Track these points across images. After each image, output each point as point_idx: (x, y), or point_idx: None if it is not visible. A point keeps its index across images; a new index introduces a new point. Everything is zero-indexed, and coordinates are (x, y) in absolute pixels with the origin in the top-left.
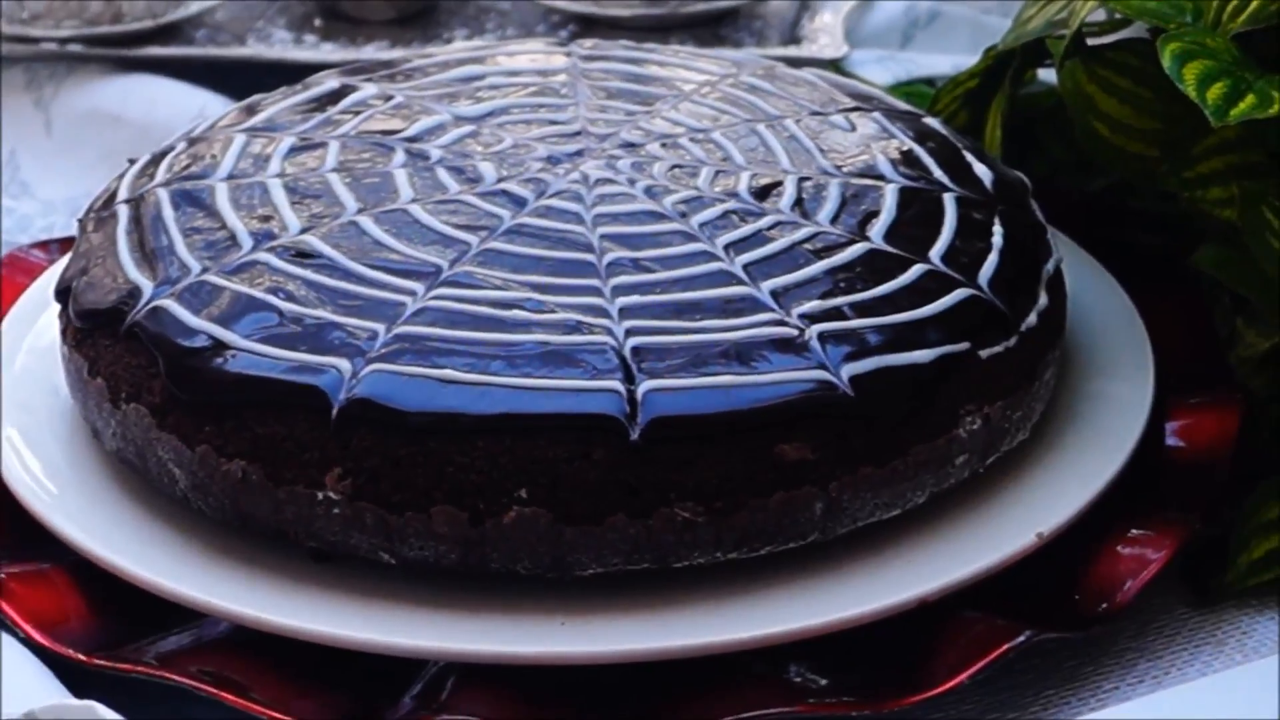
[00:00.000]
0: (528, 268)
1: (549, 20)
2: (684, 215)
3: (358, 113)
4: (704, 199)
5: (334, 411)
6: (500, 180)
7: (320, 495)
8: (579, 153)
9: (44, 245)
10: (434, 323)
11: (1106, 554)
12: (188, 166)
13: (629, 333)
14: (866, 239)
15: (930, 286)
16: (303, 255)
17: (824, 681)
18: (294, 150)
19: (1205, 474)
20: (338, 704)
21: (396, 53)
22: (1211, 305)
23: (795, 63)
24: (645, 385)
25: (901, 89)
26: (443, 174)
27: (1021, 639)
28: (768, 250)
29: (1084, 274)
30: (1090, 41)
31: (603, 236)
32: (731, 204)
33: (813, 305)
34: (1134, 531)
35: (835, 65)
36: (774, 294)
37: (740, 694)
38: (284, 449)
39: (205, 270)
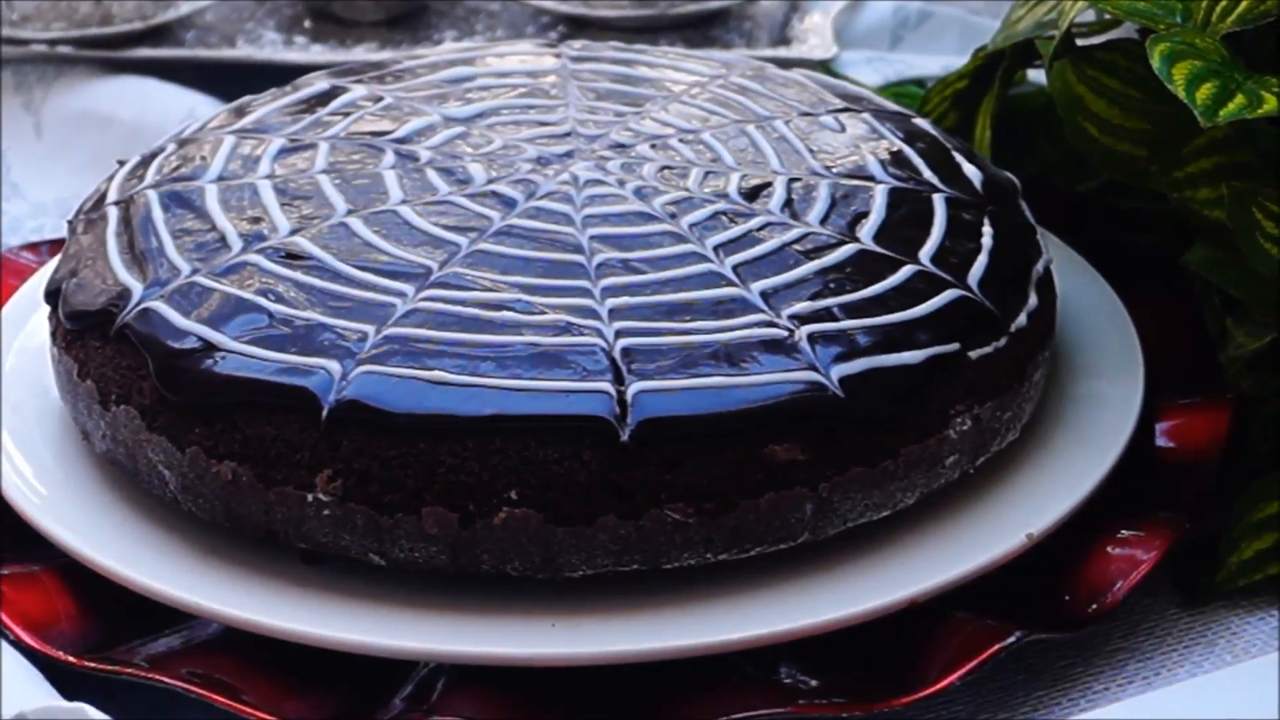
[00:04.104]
0: (517, 269)
1: (538, 21)
2: (674, 216)
3: (347, 114)
4: (694, 200)
5: (324, 413)
6: (490, 181)
7: (310, 497)
8: (569, 154)
9: (34, 247)
10: (424, 324)
11: (1097, 555)
12: (177, 168)
13: (619, 334)
14: (856, 240)
15: (920, 287)
16: (292, 257)
17: (815, 682)
18: (284, 152)
19: (1195, 474)
20: (328, 706)
21: (386, 54)
22: (1201, 305)
23: (785, 64)
24: (635, 386)
25: (891, 90)
26: (432, 175)
27: (1012, 640)
28: (757, 251)
29: (1074, 274)
30: (1079, 42)
31: (592, 238)
32: (721, 205)
33: (803, 306)
34: (1124, 532)
35: (825, 66)
36: (764, 295)
37: (731, 695)
38: (274, 450)
39: (195, 272)
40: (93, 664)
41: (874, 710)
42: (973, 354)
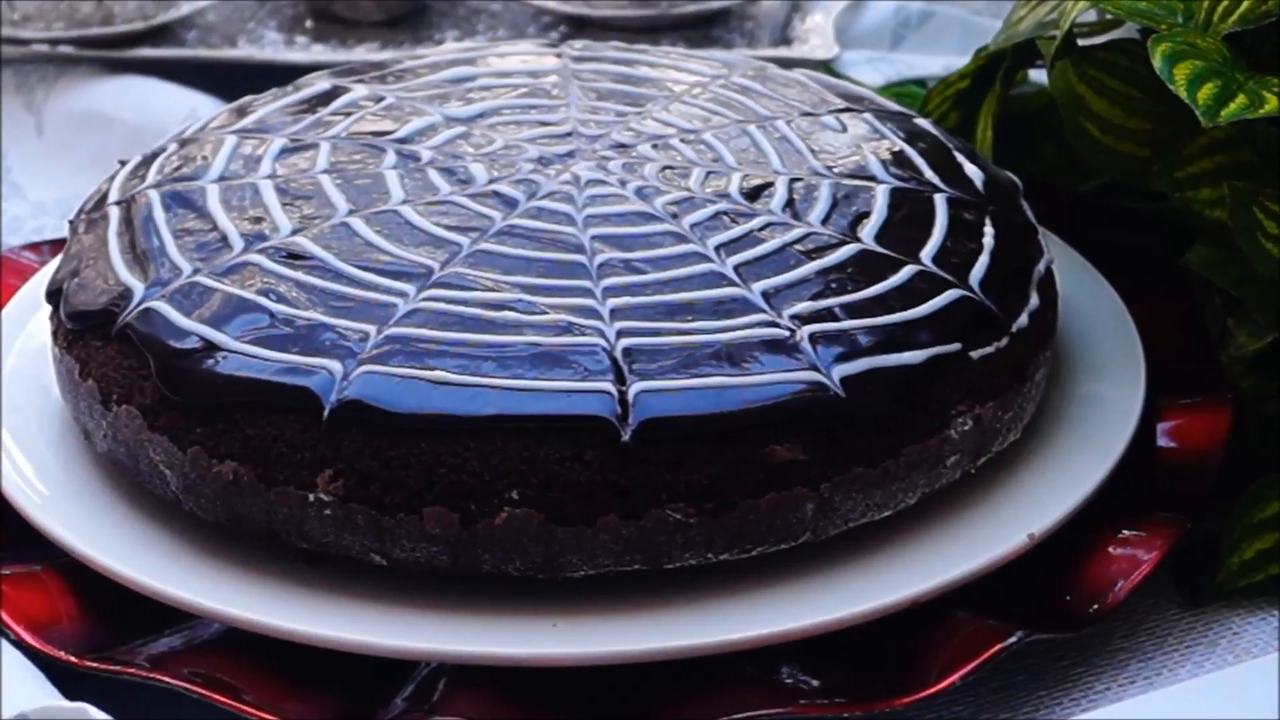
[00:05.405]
0: (519, 269)
1: (540, 21)
2: (675, 216)
3: (349, 114)
4: (695, 200)
5: (325, 413)
6: (491, 181)
7: (311, 497)
8: (570, 154)
9: (35, 247)
10: (425, 324)
11: (1098, 555)
12: (179, 168)
13: (620, 334)
14: (858, 240)
15: (921, 287)
16: (294, 257)
17: (816, 682)
18: (285, 152)
19: (1196, 475)
20: (329, 706)
21: (387, 54)
22: (1202, 305)
23: (786, 64)
24: (637, 386)
25: (892, 90)
26: (434, 175)
27: (1013, 640)
28: (759, 251)
29: (1075, 275)
30: (1081, 42)
31: (594, 238)
32: (723, 205)
33: (804, 306)
34: (1125, 532)
35: (826, 66)
36: (765, 295)
37: (732, 695)
38: (275, 450)
39: (196, 272)
40: (94, 664)
41: (874, 710)
42: (974, 354)
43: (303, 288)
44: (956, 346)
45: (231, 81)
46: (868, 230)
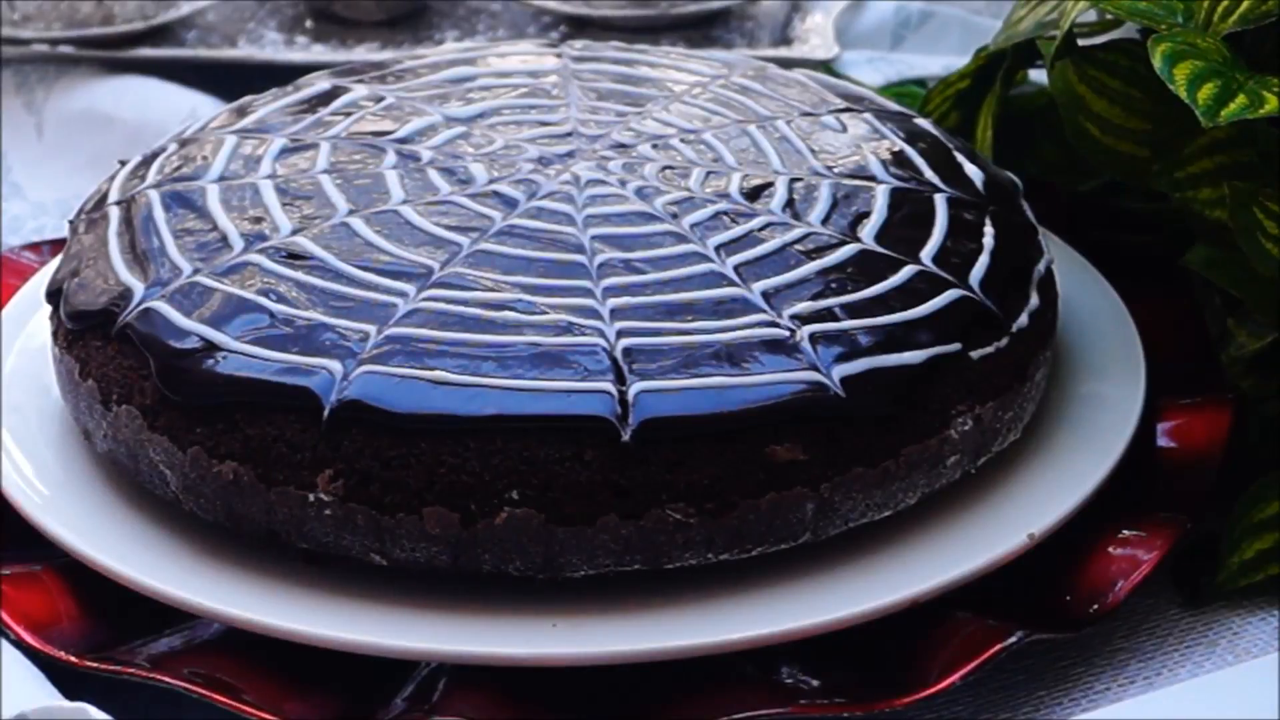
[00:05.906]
0: (519, 269)
1: (539, 21)
2: (675, 216)
3: (349, 114)
4: (695, 200)
5: (325, 413)
6: (491, 181)
7: (311, 497)
8: (570, 154)
9: (35, 247)
10: (425, 324)
11: (1098, 555)
12: (179, 168)
13: (620, 334)
14: (858, 240)
15: (921, 287)
16: (294, 257)
17: (816, 682)
18: (285, 152)
19: (1196, 475)
20: (329, 706)
21: (387, 54)
22: (1202, 305)
23: (786, 64)
24: (637, 386)
25: (892, 90)
26: (434, 175)
27: (1013, 640)
28: (759, 251)
29: (1075, 275)
30: (1081, 42)
31: (594, 238)
32: (723, 205)
33: (804, 306)
34: (1125, 532)
35: (826, 66)
36: (765, 295)
37: (732, 695)
38: (275, 450)
39: (196, 272)
40: (94, 664)
41: (874, 710)
42: (974, 354)
43: (303, 288)
44: (956, 346)
45: (231, 81)
46: (868, 230)
